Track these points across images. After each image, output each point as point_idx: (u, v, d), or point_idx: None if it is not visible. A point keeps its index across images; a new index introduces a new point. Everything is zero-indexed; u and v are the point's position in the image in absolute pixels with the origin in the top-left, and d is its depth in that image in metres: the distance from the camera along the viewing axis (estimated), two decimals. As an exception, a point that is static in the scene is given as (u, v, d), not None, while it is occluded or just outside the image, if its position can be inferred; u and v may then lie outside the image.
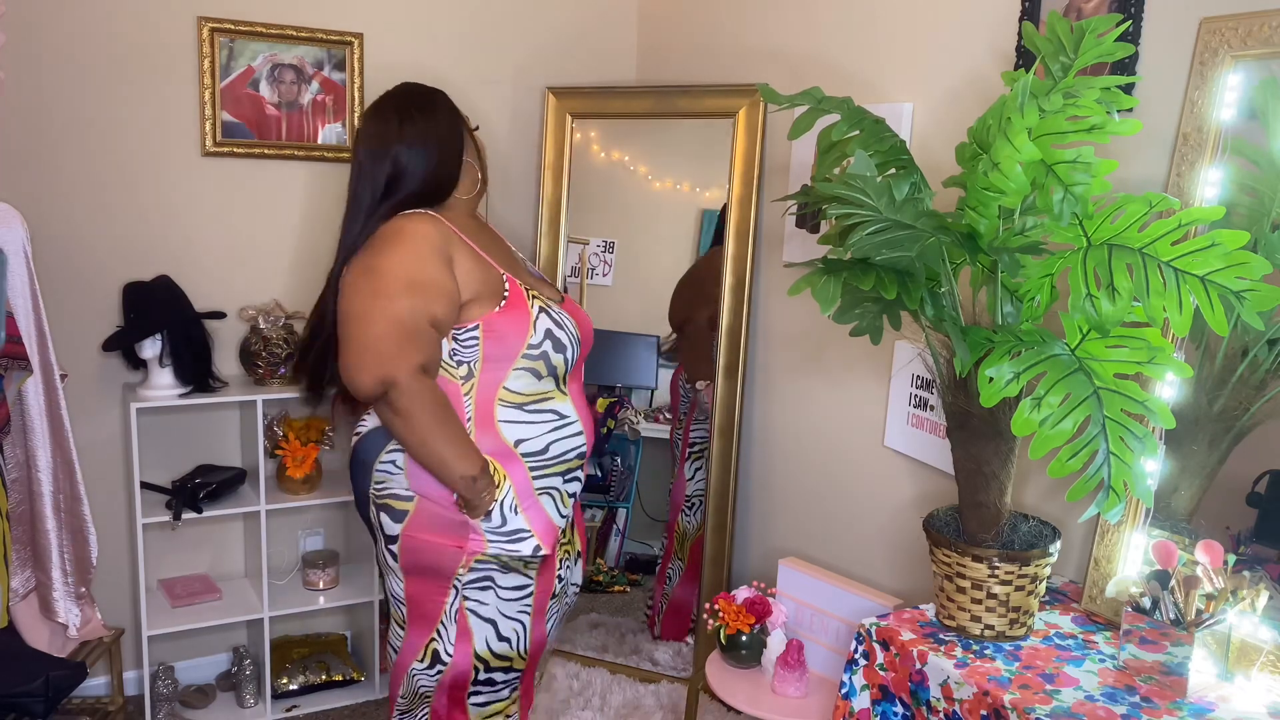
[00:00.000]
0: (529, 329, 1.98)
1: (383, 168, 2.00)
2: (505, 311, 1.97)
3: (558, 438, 2.04)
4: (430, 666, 2.06)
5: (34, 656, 2.47)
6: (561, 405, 2.04)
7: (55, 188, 2.78)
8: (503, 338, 1.97)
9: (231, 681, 3.10)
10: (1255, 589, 1.60)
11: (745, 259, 2.88)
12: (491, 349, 1.96)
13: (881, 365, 2.49)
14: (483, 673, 2.07)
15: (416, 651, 2.07)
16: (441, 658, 2.05)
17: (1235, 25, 1.70)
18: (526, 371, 1.99)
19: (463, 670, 2.06)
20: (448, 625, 2.03)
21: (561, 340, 2.02)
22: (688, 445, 3.16)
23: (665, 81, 3.25)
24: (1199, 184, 1.74)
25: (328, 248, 3.11)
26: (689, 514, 3.15)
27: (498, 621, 2.05)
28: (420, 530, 2.00)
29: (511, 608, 2.05)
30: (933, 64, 2.34)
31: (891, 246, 1.62)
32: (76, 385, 2.83)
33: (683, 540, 3.19)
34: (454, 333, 1.96)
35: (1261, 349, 1.66)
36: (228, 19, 2.89)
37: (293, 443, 2.94)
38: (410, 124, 2.02)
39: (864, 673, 1.83)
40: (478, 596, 2.02)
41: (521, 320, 1.98)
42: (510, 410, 2.00)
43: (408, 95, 2.09)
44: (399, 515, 2.01)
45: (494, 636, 2.05)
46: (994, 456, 1.73)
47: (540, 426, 2.02)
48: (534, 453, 2.02)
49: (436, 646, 2.05)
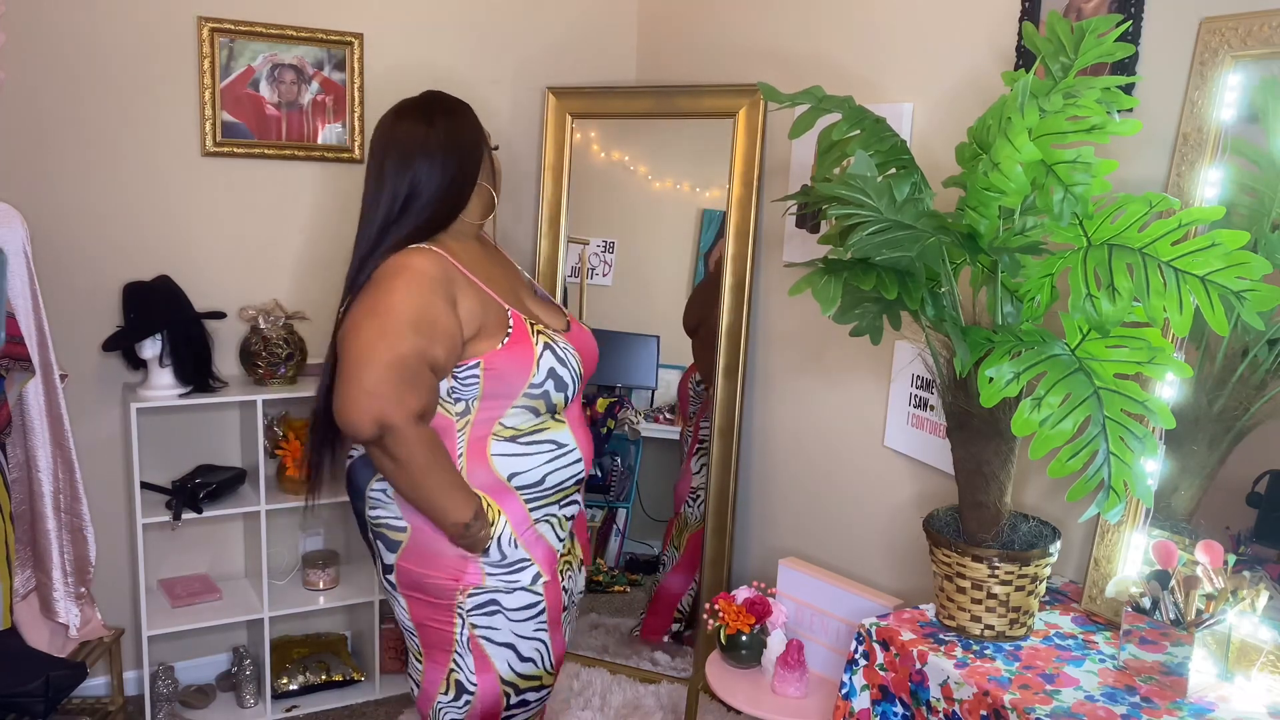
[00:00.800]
0: (532, 368, 1.92)
1: (403, 179, 1.92)
2: (508, 349, 1.91)
3: (555, 468, 1.98)
4: (456, 699, 2.00)
5: (34, 656, 2.47)
6: (559, 434, 1.99)
7: (55, 188, 2.78)
8: (503, 376, 1.91)
9: (231, 681, 3.10)
10: (1255, 589, 1.60)
11: (745, 259, 2.88)
12: (491, 387, 1.90)
13: (881, 365, 2.49)
14: (515, 696, 2.01)
15: (438, 684, 2.00)
16: (466, 688, 1.98)
17: (1235, 25, 1.70)
18: (525, 409, 1.94)
19: (492, 699, 1.99)
20: (463, 655, 1.97)
21: (564, 379, 1.96)
22: (697, 441, 3.16)
23: (665, 81, 3.25)
24: (1199, 184, 1.74)
25: (328, 247, 3.14)
26: (692, 505, 3.16)
27: (516, 645, 1.99)
28: (415, 561, 1.95)
29: (527, 628, 1.99)
30: (933, 64, 2.34)
31: (892, 246, 1.62)
32: (76, 385, 2.83)
33: (681, 530, 3.19)
34: (454, 370, 1.90)
35: (1261, 349, 1.66)
36: (228, 19, 2.89)
37: (293, 443, 2.94)
38: (435, 131, 1.94)
39: (864, 673, 1.83)
40: (486, 623, 1.96)
41: (525, 358, 1.92)
42: (504, 444, 1.94)
43: (435, 101, 2.03)
44: (393, 545, 1.97)
45: (516, 659, 1.99)
46: (994, 456, 1.73)
47: (537, 458, 1.96)
48: (529, 485, 1.96)
49: (458, 677, 1.98)
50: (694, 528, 3.15)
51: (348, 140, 3.09)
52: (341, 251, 3.13)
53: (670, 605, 3.21)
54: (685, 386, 3.24)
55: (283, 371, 2.93)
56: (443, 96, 2.06)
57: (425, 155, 1.93)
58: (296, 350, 2.95)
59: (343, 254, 3.13)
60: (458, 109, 2.03)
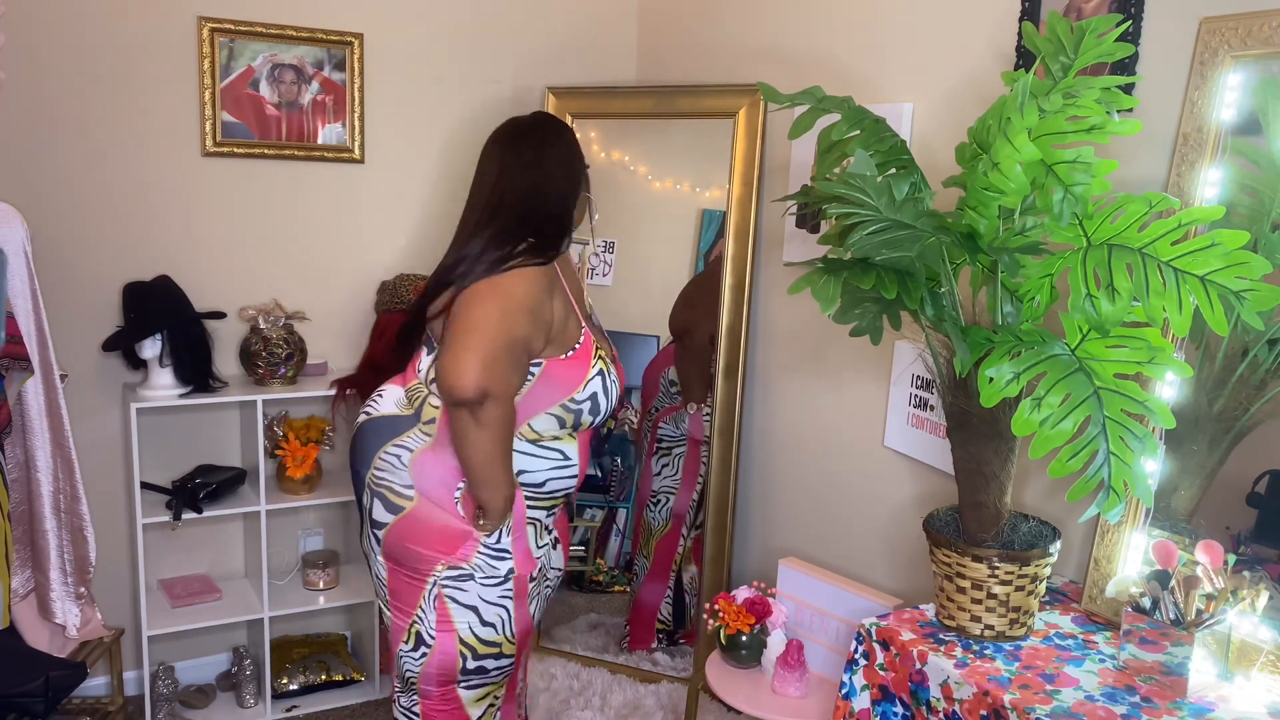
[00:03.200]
0: (580, 385, 2.05)
1: (536, 197, 2.08)
2: (570, 362, 2.04)
3: (556, 476, 2.10)
4: (415, 649, 2.09)
5: (34, 656, 2.48)
6: (568, 447, 2.10)
7: (55, 188, 2.78)
8: (554, 383, 2.03)
9: (231, 681, 3.10)
10: (1255, 589, 1.60)
11: (745, 259, 2.88)
12: (540, 389, 2.03)
13: (881, 365, 2.49)
14: (471, 660, 2.09)
15: (401, 633, 2.11)
16: (425, 640, 2.08)
17: (1235, 25, 1.70)
18: (555, 419, 2.06)
19: (448, 657, 2.08)
20: (426, 610, 2.06)
21: (601, 406, 2.09)
22: (655, 440, 3.16)
23: (665, 81, 3.25)
24: (1199, 184, 1.74)
25: (328, 248, 3.14)
26: (654, 509, 3.16)
27: (479, 608, 2.07)
28: (408, 528, 2.04)
29: (492, 593, 2.07)
30: (933, 64, 2.34)
31: (891, 246, 1.62)
32: (76, 385, 2.83)
33: (648, 537, 3.19)
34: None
35: (1261, 349, 1.66)
36: (228, 19, 2.89)
37: (293, 443, 2.95)
38: (554, 149, 2.12)
39: (864, 673, 1.83)
40: (455, 584, 2.05)
41: (578, 375, 2.05)
42: (524, 444, 2.06)
43: (549, 125, 2.18)
44: (394, 508, 2.05)
45: (477, 623, 2.08)
46: (994, 456, 1.73)
47: (545, 463, 2.08)
48: (532, 485, 2.08)
49: (419, 629, 2.08)
50: (660, 533, 3.15)
51: (348, 140, 3.09)
52: (342, 251, 3.16)
53: (649, 616, 3.22)
54: (654, 376, 3.22)
55: (283, 371, 2.92)
56: (555, 119, 2.22)
57: (546, 177, 2.10)
58: (296, 350, 2.95)
59: (343, 254, 3.16)
60: (566, 130, 2.20)
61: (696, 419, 3.07)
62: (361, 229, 3.16)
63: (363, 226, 3.16)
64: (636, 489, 3.26)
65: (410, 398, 2.08)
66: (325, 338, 3.17)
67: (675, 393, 3.13)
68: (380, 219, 3.20)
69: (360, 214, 3.16)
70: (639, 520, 3.23)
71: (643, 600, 3.22)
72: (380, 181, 3.16)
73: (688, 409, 3.09)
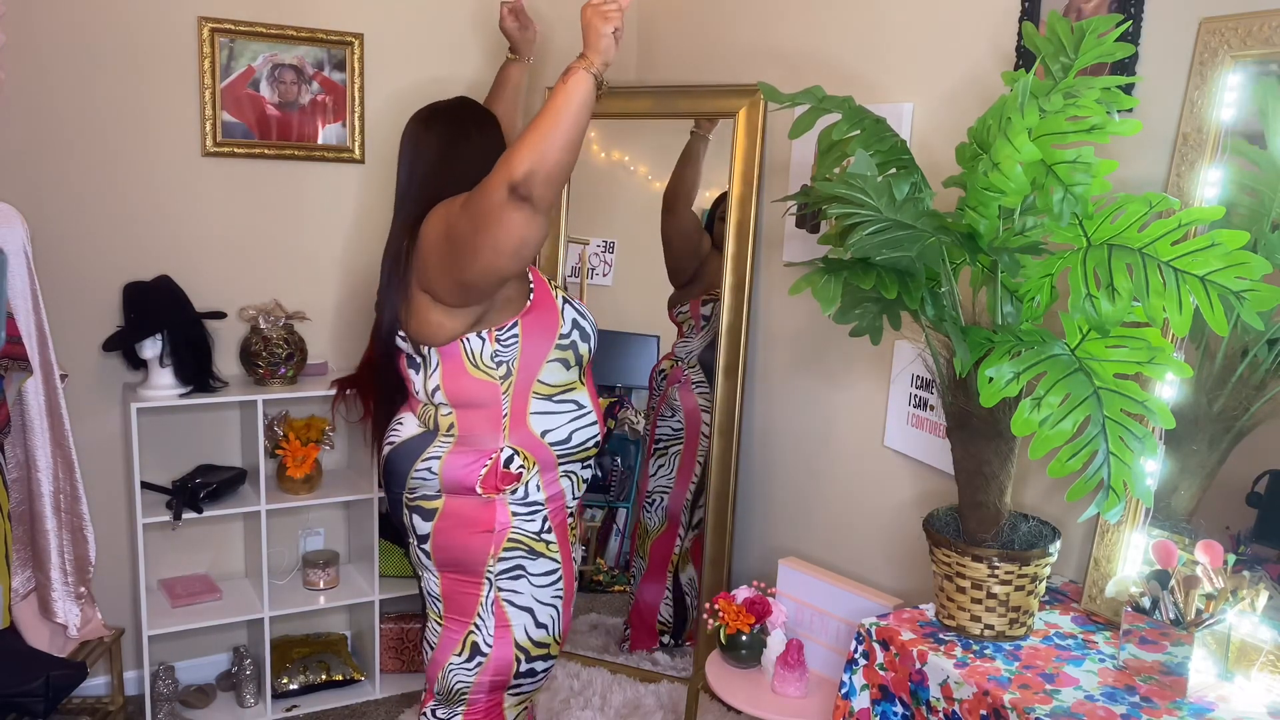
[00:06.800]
0: (559, 319, 2.06)
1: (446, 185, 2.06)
2: (535, 308, 2.04)
3: (577, 427, 2.11)
4: (469, 660, 2.09)
5: (34, 656, 2.48)
6: (580, 395, 2.12)
7: (55, 188, 2.78)
8: (537, 331, 2.04)
9: (232, 681, 3.10)
10: (1255, 589, 1.60)
11: (745, 259, 2.88)
12: (529, 344, 2.04)
13: (881, 365, 2.49)
14: (524, 663, 2.11)
15: (454, 646, 2.10)
16: (481, 649, 2.08)
17: (1235, 25, 1.70)
18: (558, 363, 2.07)
19: (504, 662, 2.09)
20: (485, 617, 2.08)
21: (586, 329, 2.11)
22: (653, 441, 3.17)
23: (665, 81, 3.25)
24: (1199, 184, 1.74)
25: (328, 247, 3.14)
26: (650, 510, 3.17)
27: (534, 609, 2.09)
28: (450, 525, 2.06)
29: (545, 594, 2.10)
30: (933, 64, 2.34)
31: (891, 246, 1.62)
32: (76, 385, 2.83)
33: (644, 538, 3.19)
34: (496, 334, 2.01)
35: (1261, 349, 1.66)
36: (228, 19, 2.89)
37: (293, 443, 2.95)
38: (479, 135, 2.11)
39: (864, 672, 1.83)
40: (511, 586, 2.07)
41: (550, 313, 2.06)
42: (540, 402, 2.07)
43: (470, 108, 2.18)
44: (429, 514, 2.07)
45: (532, 624, 2.10)
46: (994, 456, 1.73)
47: (563, 416, 2.09)
48: (559, 441, 2.09)
49: (475, 639, 2.08)
50: (655, 534, 3.16)
51: (348, 140, 3.09)
52: (342, 251, 3.16)
53: (649, 618, 3.22)
54: (652, 379, 3.24)
55: (283, 371, 2.93)
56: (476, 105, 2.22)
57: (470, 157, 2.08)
58: (296, 350, 2.95)
59: (343, 254, 3.16)
60: (489, 117, 2.19)
61: (687, 391, 3.07)
62: (361, 229, 3.16)
63: (363, 226, 3.16)
64: (636, 488, 3.26)
65: (423, 419, 2.09)
66: (325, 338, 3.17)
67: (664, 384, 3.14)
68: (380, 219, 3.18)
69: (360, 214, 3.16)
70: (637, 521, 3.23)
71: (641, 601, 3.22)
72: (380, 182, 3.16)
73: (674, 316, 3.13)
